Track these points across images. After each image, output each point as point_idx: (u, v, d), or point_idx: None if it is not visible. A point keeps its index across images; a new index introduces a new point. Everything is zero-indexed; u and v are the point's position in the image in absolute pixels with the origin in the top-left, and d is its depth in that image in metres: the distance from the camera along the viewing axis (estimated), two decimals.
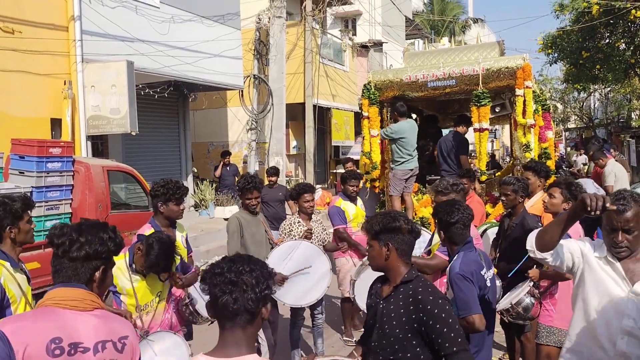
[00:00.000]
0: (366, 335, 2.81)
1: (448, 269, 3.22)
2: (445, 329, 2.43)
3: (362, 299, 4.20)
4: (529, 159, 7.03)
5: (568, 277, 3.91)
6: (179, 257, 3.62)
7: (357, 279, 4.82)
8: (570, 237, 3.19)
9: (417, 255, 4.47)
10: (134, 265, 3.52)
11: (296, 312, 5.36)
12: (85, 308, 1.95)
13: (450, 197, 4.02)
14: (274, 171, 9.29)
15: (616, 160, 8.45)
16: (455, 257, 3.18)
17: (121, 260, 3.51)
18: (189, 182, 14.16)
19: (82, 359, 1.90)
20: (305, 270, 4.87)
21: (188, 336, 4.40)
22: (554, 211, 4.22)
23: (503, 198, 4.73)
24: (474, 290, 3.01)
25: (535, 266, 4.44)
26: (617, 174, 8.35)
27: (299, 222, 5.40)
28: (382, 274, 2.73)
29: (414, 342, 2.51)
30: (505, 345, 5.05)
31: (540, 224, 4.89)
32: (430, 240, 4.42)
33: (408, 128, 7.45)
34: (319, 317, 5.49)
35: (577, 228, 4.12)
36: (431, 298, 2.49)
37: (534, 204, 5.11)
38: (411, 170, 7.47)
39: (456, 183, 4.21)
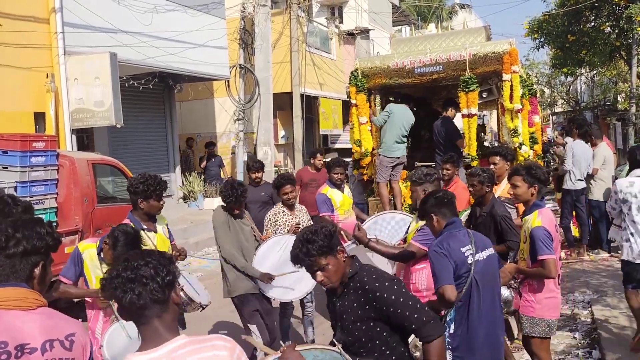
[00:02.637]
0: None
1: (429, 249, 3.27)
2: (400, 310, 2.44)
3: None
4: (517, 144, 7.06)
5: (547, 275, 3.85)
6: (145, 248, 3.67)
7: None
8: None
9: (392, 244, 4.49)
10: (102, 256, 3.65)
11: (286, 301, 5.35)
12: (29, 307, 1.87)
13: (425, 187, 4.04)
14: (259, 166, 7.19)
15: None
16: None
17: (93, 250, 3.68)
18: (177, 174, 14.08)
19: None
20: (293, 272, 4.82)
21: (181, 324, 4.40)
22: (522, 200, 4.14)
23: (470, 189, 4.83)
24: (447, 263, 3.06)
25: (508, 260, 4.46)
26: (606, 158, 8.48)
27: (283, 211, 5.36)
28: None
29: (379, 329, 2.53)
30: None
31: (512, 207, 4.93)
32: (409, 227, 4.42)
33: (399, 110, 7.43)
34: (309, 306, 5.50)
35: (550, 216, 4.02)
36: (377, 284, 2.50)
37: (504, 188, 5.24)
38: (397, 158, 7.43)
39: (430, 173, 4.22)
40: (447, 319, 3.16)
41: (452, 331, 3.13)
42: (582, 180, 8.38)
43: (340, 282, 2.62)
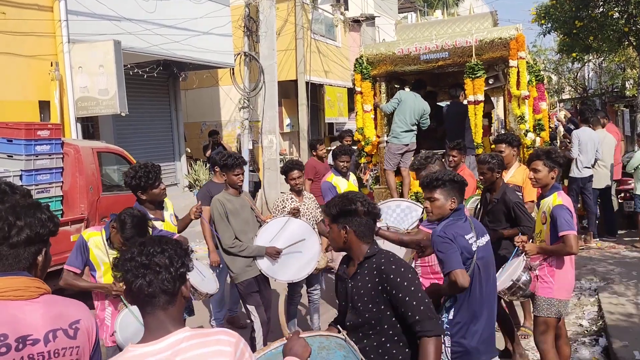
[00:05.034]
0: (340, 316, 2.82)
1: (432, 235, 3.23)
2: (407, 298, 2.43)
3: None
4: (523, 131, 7.00)
5: (569, 251, 3.88)
6: (151, 229, 3.73)
7: None
8: None
9: (403, 231, 4.49)
10: (110, 242, 3.67)
11: (293, 288, 5.35)
12: (31, 296, 1.82)
13: (430, 170, 4.10)
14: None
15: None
16: (440, 224, 3.22)
17: (98, 237, 3.70)
18: (182, 163, 14.08)
19: (32, 352, 1.78)
20: (299, 243, 4.82)
21: (189, 312, 4.41)
22: (543, 184, 4.16)
23: (480, 176, 4.83)
24: (454, 248, 3.03)
25: (530, 240, 4.44)
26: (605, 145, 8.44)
27: (291, 198, 5.32)
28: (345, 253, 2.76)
29: (388, 313, 2.52)
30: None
31: (521, 195, 4.95)
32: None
33: (410, 97, 7.37)
34: (315, 294, 5.50)
35: (568, 198, 4.13)
36: (394, 267, 2.50)
37: (512, 174, 5.37)
38: (406, 145, 7.38)
39: (429, 156, 4.25)
40: (446, 305, 3.13)
41: (450, 317, 3.10)
42: (589, 167, 8.31)
43: (355, 260, 2.63)
